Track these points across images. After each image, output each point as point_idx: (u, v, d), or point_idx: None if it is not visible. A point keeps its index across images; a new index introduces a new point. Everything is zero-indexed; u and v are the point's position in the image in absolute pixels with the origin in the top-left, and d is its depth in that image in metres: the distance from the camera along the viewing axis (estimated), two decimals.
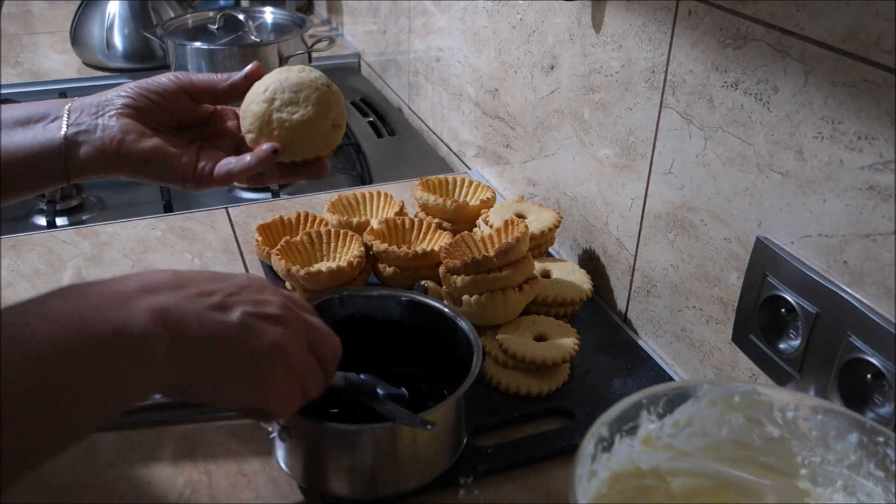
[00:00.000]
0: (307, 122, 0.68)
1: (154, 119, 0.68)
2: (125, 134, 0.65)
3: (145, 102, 0.67)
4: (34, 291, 0.90)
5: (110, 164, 0.65)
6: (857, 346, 0.57)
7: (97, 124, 0.65)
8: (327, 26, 1.94)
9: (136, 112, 0.67)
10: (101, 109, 0.66)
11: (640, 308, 0.86)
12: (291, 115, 0.68)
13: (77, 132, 0.65)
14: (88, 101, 0.66)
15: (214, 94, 0.70)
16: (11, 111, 0.66)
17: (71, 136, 0.65)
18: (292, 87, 0.68)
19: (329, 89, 0.70)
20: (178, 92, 0.69)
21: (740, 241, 0.69)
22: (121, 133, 0.65)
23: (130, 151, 0.65)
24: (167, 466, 0.68)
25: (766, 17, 0.62)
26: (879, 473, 0.50)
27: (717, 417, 0.55)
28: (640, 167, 0.81)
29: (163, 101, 0.68)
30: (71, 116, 0.65)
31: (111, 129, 0.65)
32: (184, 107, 0.70)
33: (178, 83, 0.69)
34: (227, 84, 0.70)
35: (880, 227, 0.55)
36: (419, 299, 0.74)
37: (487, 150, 1.17)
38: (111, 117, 0.65)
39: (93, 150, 0.65)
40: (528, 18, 0.99)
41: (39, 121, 0.65)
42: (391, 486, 0.65)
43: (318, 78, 0.70)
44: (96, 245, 1.00)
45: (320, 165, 0.70)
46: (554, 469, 0.69)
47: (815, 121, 0.59)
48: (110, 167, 0.66)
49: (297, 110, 0.68)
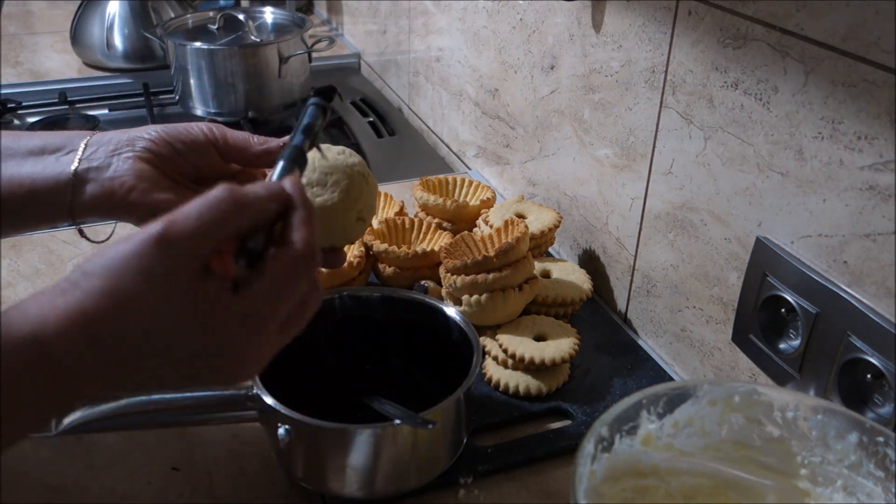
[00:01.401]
0: (329, 209, 0.63)
1: (174, 168, 0.63)
2: (138, 181, 0.60)
3: (168, 150, 0.63)
4: (34, 291, 0.90)
5: (116, 209, 0.61)
6: (857, 346, 0.57)
7: (111, 163, 0.60)
8: (327, 26, 1.94)
9: (155, 158, 0.62)
10: (120, 148, 0.61)
11: (640, 308, 0.86)
12: (314, 197, 0.63)
13: (88, 168, 0.60)
14: (108, 137, 0.62)
15: (245, 157, 0.65)
16: (28, 139, 0.62)
17: (81, 172, 0.60)
18: (324, 167, 0.64)
19: (364, 179, 0.65)
20: (207, 145, 0.64)
21: (740, 241, 0.69)
22: (133, 179, 0.60)
23: (139, 201, 0.60)
24: (167, 466, 0.68)
25: (766, 17, 0.62)
26: (879, 473, 0.50)
27: (717, 417, 0.55)
28: (640, 167, 0.81)
29: (188, 151, 0.63)
30: (87, 151, 0.61)
31: (124, 173, 0.60)
32: (209, 161, 0.65)
33: (211, 137, 0.64)
34: (261, 149, 0.65)
35: (880, 227, 0.55)
36: (419, 299, 0.74)
37: (487, 150, 1.17)
38: (127, 159, 0.61)
39: (100, 190, 0.60)
40: (528, 18, 0.99)
41: (54, 152, 0.61)
42: (391, 486, 0.65)
43: (355, 164, 0.65)
44: (96, 245, 1.00)
45: (335, 256, 0.65)
46: (554, 469, 0.69)
47: (815, 121, 0.59)
48: (115, 212, 0.61)
49: (321, 193, 0.63)
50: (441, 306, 0.73)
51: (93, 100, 1.51)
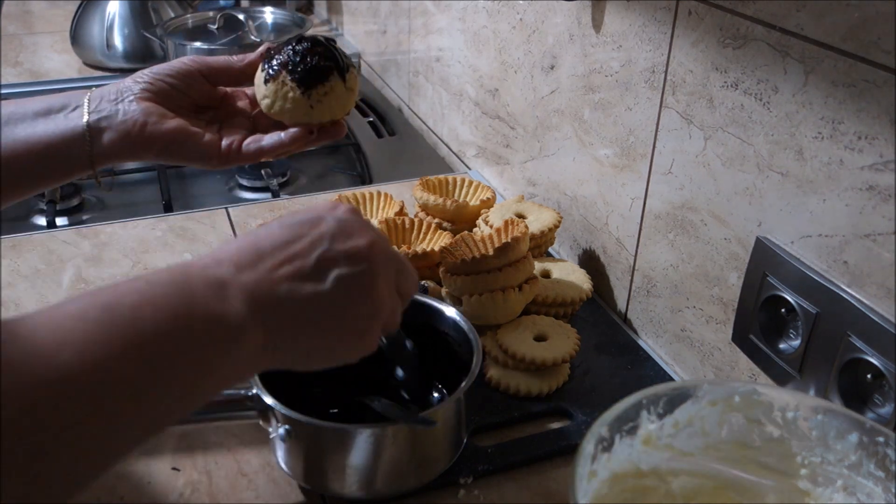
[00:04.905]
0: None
1: (172, 102, 0.69)
2: (147, 116, 0.66)
3: (162, 86, 0.68)
4: (34, 291, 0.90)
5: (135, 147, 0.66)
6: (857, 346, 0.57)
7: (118, 109, 0.66)
8: (327, 26, 1.94)
9: (154, 95, 0.67)
10: (120, 96, 0.66)
11: (640, 308, 0.86)
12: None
13: (99, 119, 0.65)
14: (106, 90, 0.67)
15: (231, 75, 0.71)
16: (30, 104, 0.66)
17: (94, 123, 0.65)
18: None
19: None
20: (194, 74, 0.70)
21: (740, 241, 0.69)
22: (143, 116, 0.65)
23: (154, 133, 0.65)
24: (167, 466, 0.68)
25: (766, 17, 0.62)
26: (879, 473, 0.50)
27: (717, 417, 0.55)
28: (640, 167, 0.81)
29: (179, 83, 0.69)
30: (91, 104, 0.66)
31: (133, 114, 0.65)
32: (200, 89, 0.71)
33: (195, 65, 0.70)
34: (243, 64, 0.71)
35: (880, 227, 0.55)
36: (419, 299, 0.74)
37: (487, 150, 1.17)
38: (131, 102, 0.66)
39: (117, 135, 0.65)
40: (528, 18, 0.99)
41: (60, 111, 0.65)
42: (391, 486, 0.65)
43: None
44: (96, 245, 1.00)
45: (338, 126, 0.71)
46: (554, 469, 0.69)
47: (815, 121, 0.59)
48: (136, 150, 0.66)
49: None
50: (441, 306, 0.73)
51: None
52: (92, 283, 0.92)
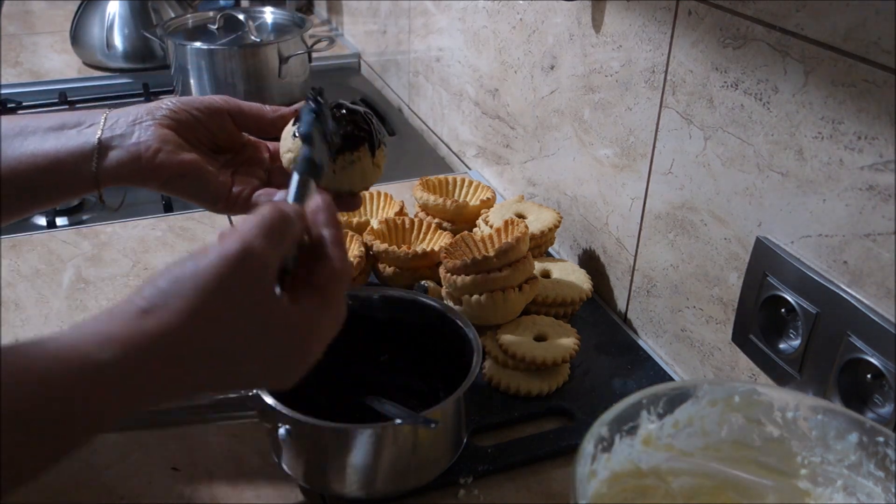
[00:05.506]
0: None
1: (192, 135, 0.66)
2: (163, 143, 0.63)
3: (187, 117, 0.66)
4: (34, 291, 0.90)
5: (143, 172, 0.63)
6: (857, 346, 0.57)
7: (133, 131, 0.63)
8: (327, 26, 1.94)
9: (176, 124, 0.65)
10: (140, 118, 0.64)
11: (640, 308, 0.86)
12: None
13: (112, 136, 0.63)
14: (126, 110, 0.65)
15: (260, 123, 0.68)
16: (46, 119, 0.64)
17: (105, 141, 0.63)
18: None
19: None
20: (222, 113, 0.67)
21: (740, 241, 0.69)
22: (158, 142, 0.63)
23: (165, 162, 0.63)
24: (167, 466, 0.68)
25: (766, 17, 0.62)
26: (879, 473, 0.50)
27: (717, 417, 0.55)
28: (640, 167, 0.81)
29: (205, 118, 0.66)
30: (107, 122, 0.64)
31: (148, 138, 0.63)
32: (225, 129, 0.68)
33: (226, 105, 0.68)
34: (275, 115, 0.68)
35: (880, 227, 0.55)
36: (419, 299, 0.74)
37: (487, 150, 1.17)
38: (149, 126, 0.64)
39: (126, 155, 0.63)
40: (528, 18, 0.99)
41: (74, 127, 0.63)
42: (391, 486, 0.65)
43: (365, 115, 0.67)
44: (96, 245, 1.00)
45: (355, 199, 0.67)
46: (554, 469, 0.69)
47: (815, 121, 0.59)
48: (143, 175, 0.63)
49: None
50: (441, 306, 0.73)
51: (93, 100, 1.51)
52: (92, 283, 0.92)
